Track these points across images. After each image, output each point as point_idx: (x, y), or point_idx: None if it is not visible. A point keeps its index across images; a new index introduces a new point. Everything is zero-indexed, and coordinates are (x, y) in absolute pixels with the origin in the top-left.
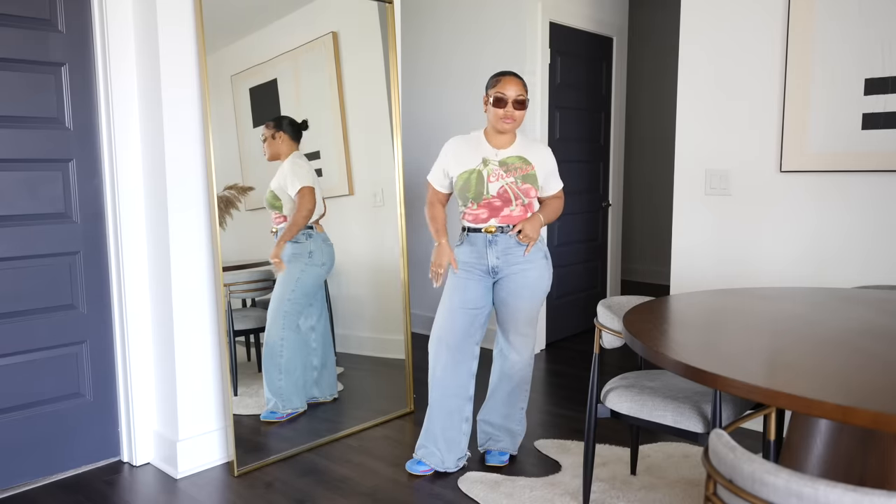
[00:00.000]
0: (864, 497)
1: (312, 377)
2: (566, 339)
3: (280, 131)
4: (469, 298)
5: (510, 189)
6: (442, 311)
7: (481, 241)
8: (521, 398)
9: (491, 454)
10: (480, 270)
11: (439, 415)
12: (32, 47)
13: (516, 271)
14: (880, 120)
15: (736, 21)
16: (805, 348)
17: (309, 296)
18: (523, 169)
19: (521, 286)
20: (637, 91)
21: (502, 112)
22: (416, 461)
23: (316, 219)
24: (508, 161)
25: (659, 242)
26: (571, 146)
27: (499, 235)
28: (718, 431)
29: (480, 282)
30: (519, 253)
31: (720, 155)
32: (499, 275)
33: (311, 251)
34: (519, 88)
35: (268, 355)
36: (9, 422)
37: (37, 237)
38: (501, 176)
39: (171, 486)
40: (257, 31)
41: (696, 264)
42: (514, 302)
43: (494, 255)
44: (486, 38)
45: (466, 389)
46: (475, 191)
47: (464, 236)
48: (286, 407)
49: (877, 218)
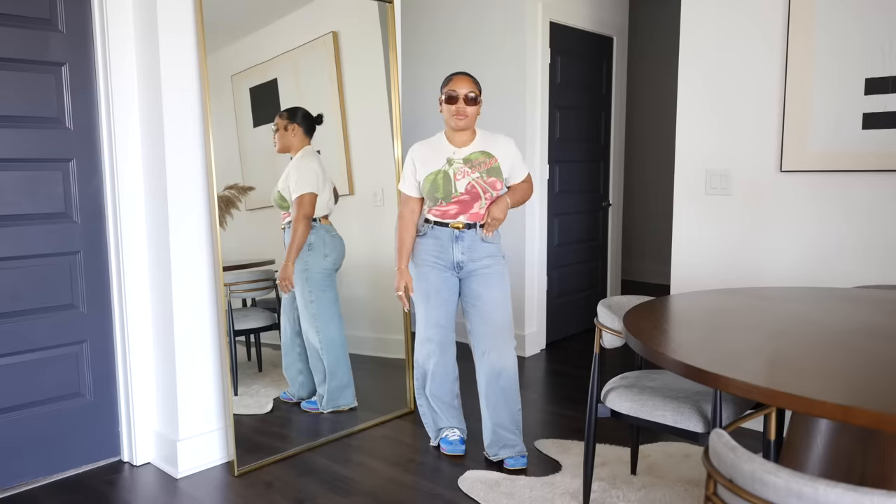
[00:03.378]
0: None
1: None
2: (566, 338)
3: (294, 123)
4: (439, 289)
5: (477, 184)
6: (421, 312)
7: (447, 236)
8: (516, 398)
9: (512, 460)
10: (443, 265)
11: (444, 402)
12: (32, 47)
13: (481, 266)
14: (881, 120)
15: (736, 21)
16: (805, 348)
17: (325, 287)
18: (487, 163)
19: (489, 277)
20: (637, 91)
21: (454, 108)
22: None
23: (325, 213)
24: (472, 157)
25: (659, 242)
26: (571, 146)
27: (465, 231)
28: (719, 431)
29: (446, 271)
30: (484, 250)
31: (720, 155)
32: (463, 270)
33: (310, 243)
34: (470, 85)
35: (312, 358)
36: (9, 422)
37: (37, 237)
38: (467, 172)
39: (172, 486)
40: (257, 31)
41: (697, 264)
42: (487, 293)
43: (460, 251)
44: (486, 38)
45: (454, 372)
46: (444, 190)
47: (427, 228)
48: (328, 407)
49: (877, 218)
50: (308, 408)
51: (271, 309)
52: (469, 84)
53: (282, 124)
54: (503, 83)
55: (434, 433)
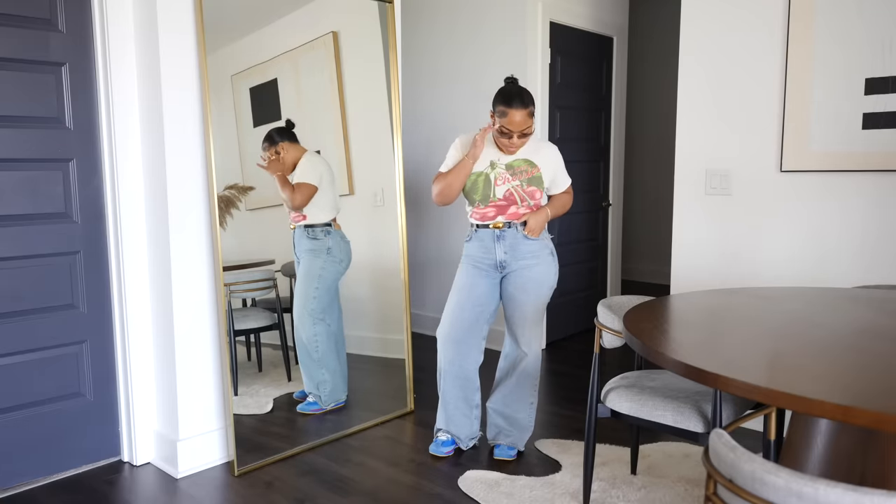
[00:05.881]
0: (864, 497)
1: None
2: (566, 338)
3: (280, 143)
4: (477, 294)
5: (516, 192)
6: (450, 306)
7: (489, 237)
8: (529, 392)
9: (500, 448)
10: (488, 265)
11: (450, 404)
12: (32, 47)
13: (523, 266)
14: (881, 120)
15: (736, 21)
16: (805, 348)
17: (331, 292)
18: (529, 172)
19: (527, 280)
20: (637, 91)
21: (507, 142)
22: (441, 443)
23: (335, 215)
24: (515, 164)
25: (659, 242)
26: (571, 146)
27: (506, 230)
28: (719, 431)
29: (488, 278)
30: (526, 247)
31: (720, 155)
32: (506, 269)
33: (329, 247)
34: (524, 121)
35: (303, 354)
36: (9, 422)
37: (37, 237)
38: (508, 179)
39: (172, 486)
40: (257, 31)
41: (697, 264)
42: (520, 296)
43: (502, 250)
44: (486, 38)
45: (472, 381)
46: (482, 193)
47: (472, 232)
48: (328, 401)
49: (877, 218)
50: (309, 410)
51: (271, 309)
52: (523, 120)
53: (272, 152)
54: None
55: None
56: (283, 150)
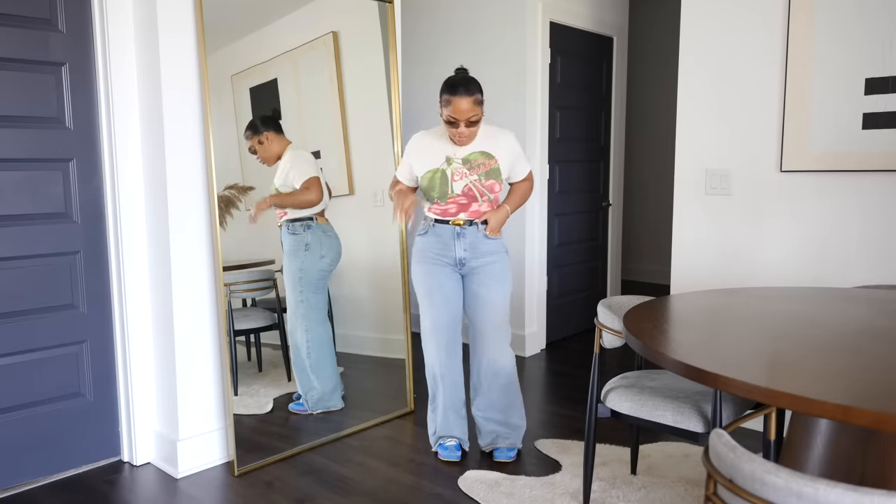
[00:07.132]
0: (864, 497)
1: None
2: (566, 338)
3: (264, 133)
4: (447, 293)
5: (474, 187)
6: (426, 311)
7: (448, 233)
8: (516, 393)
9: (499, 451)
10: (446, 262)
11: (449, 409)
12: (32, 47)
13: (483, 264)
14: (881, 120)
15: (736, 21)
16: (806, 348)
17: (318, 289)
18: (486, 164)
19: (489, 276)
20: (637, 91)
21: (454, 131)
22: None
23: (319, 210)
24: (471, 158)
25: (659, 242)
26: (571, 146)
27: (467, 228)
28: (719, 431)
29: (453, 274)
30: (486, 247)
31: (720, 155)
32: (465, 267)
33: (307, 243)
34: (470, 110)
35: (296, 358)
36: (9, 422)
37: (37, 237)
38: (465, 174)
39: (172, 486)
40: (257, 31)
41: (697, 264)
42: (486, 293)
43: (462, 248)
44: (486, 38)
45: (462, 383)
46: (440, 191)
47: (428, 225)
48: (315, 408)
49: (877, 218)
50: (296, 409)
51: (271, 309)
52: (469, 108)
53: (254, 140)
54: (503, 83)
55: (434, 440)
56: (267, 140)
